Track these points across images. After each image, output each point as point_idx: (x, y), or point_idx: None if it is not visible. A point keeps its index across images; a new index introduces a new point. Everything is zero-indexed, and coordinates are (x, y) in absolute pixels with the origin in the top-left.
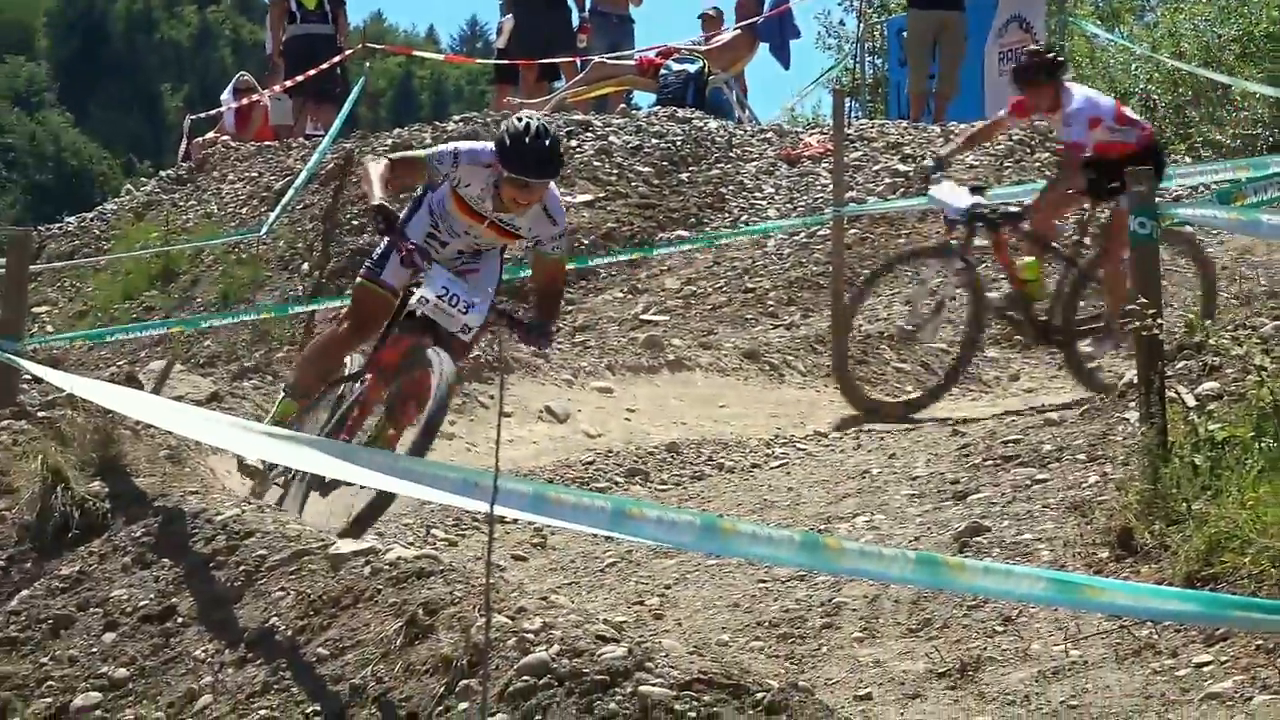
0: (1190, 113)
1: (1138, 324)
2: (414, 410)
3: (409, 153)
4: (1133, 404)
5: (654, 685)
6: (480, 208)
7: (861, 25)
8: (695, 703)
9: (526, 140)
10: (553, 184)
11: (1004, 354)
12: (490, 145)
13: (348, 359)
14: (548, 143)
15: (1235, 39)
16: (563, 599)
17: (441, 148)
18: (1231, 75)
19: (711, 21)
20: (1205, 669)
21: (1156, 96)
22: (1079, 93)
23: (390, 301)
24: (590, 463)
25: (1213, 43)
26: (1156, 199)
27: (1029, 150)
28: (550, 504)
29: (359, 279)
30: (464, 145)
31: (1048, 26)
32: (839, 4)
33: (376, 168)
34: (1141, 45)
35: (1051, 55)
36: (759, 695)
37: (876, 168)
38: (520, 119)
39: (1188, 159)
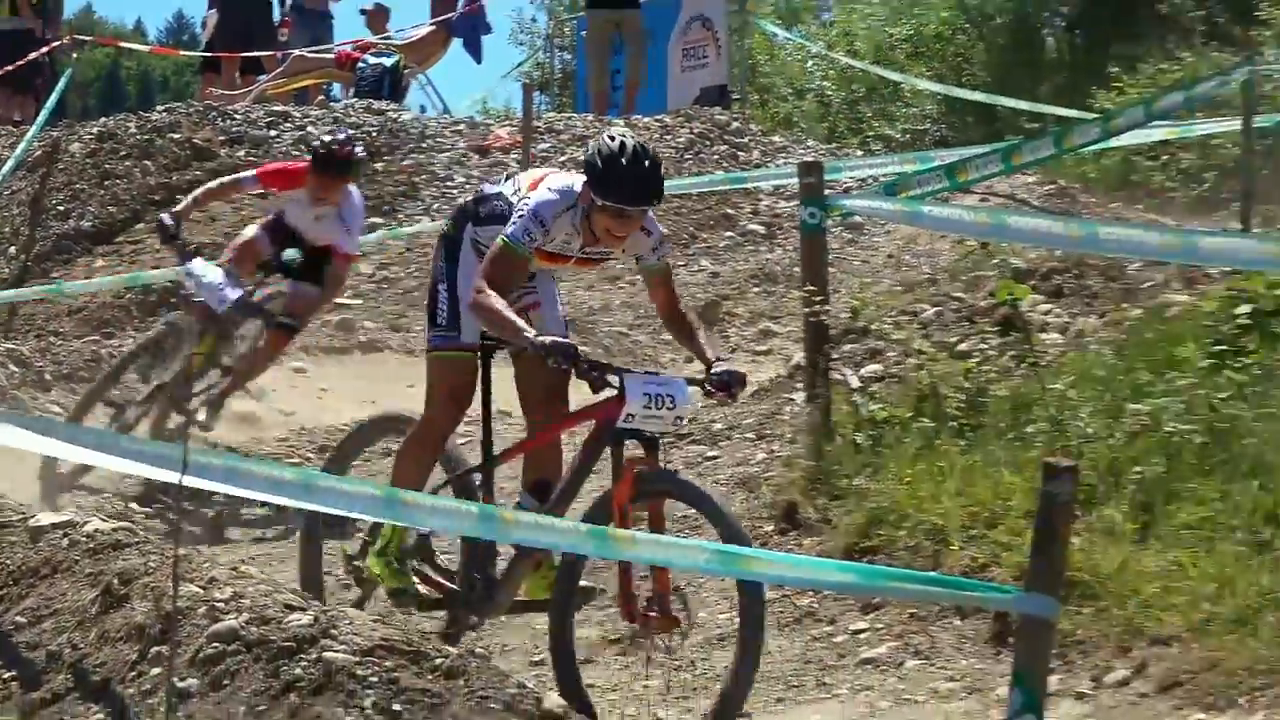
0: (863, 108)
1: (806, 309)
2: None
3: (500, 254)
4: (800, 385)
5: (338, 651)
6: (566, 250)
7: (552, 22)
8: (377, 668)
9: (623, 162)
10: None
11: None
12: (564, 181)
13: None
14: (648, 164)
15: (906, 39)
16: (253, 569)
17: (525, 223)
18: (902, 73)
19: (375, 17)
20: (861, 635)
21: (832, 93)
22: (358, 198)
23: (475, 364)
24: (284, 439)
25: (885, 42)
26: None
27: (708, 143)
28: (241, 476)
29: (433, 351)
30: (539, 202)
31: (729, 25)
32: (531, 1)
33: (496, 300)
34: (818, 44)
35: (357, 154)
36: (438, 661)
37: (563, 159)
38: (613, 137)
39: (859, 152)
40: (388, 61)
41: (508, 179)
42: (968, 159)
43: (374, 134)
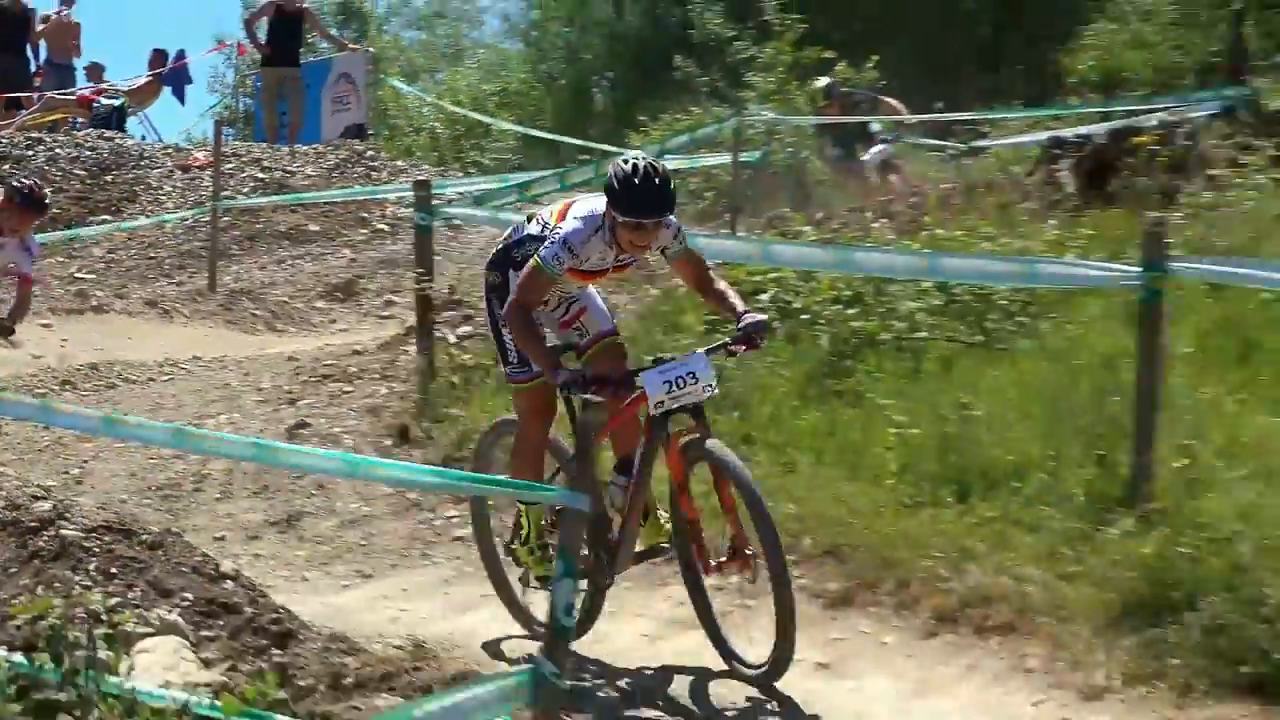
0: (463, 143)
1: (417, 286)
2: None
3: (532, 274)
4: (412, 341)
5: (71, 530)
6: (602, 265)
7: (237, 76)
8: (99, 542)
9: (636, 182)
10: None
11: (328, 305)
12: (588, 208)
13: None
14: (658, 180)
15: (495, 93)
16: (9, 470)
17: (555, 249)
18: (492, 117)
19: (93, 71)
20: (453, 520)
21: (440, 131)
22: (35, 233)
23: (550, 386)
24: (35, 375)
25: (480, 95)
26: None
27: (350, 165)
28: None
29: (514, 384)
30: (569, 232)
31: (367, 80)
32: (223, 61)
33: (528, 326)
34: (431, 95)
35: (46, 199)
36: (145, 537)
37: (243, 175)
38: (627, 160)
39: (459, 174)
40: (116, 102)
41: (530, 219)
42: (535, 179)
43: (105, 155)
